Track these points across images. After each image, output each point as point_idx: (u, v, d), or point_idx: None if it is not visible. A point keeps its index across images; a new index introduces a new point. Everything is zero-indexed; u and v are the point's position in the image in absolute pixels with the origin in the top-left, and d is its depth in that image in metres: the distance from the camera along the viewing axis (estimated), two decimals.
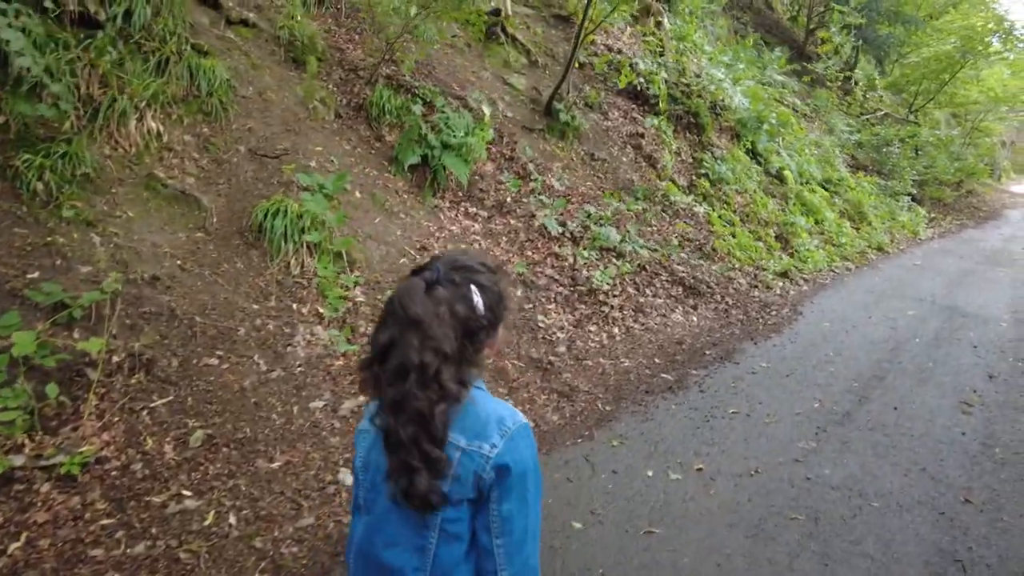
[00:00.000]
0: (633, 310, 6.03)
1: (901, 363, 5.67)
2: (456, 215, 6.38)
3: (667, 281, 6.69)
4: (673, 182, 9.44)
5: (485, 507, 1.26)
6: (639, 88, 10.22)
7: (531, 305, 5.55)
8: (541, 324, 5.30)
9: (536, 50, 10.48)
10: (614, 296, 6.07)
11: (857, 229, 11.68)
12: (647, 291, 6.42)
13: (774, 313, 6.83)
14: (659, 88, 9.11)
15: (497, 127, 7.99)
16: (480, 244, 6.11)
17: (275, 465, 3.38)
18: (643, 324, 5.88)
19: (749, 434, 4.20)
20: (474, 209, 6.53)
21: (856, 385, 5.11)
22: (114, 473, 3.07)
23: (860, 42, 17.47)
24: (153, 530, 2.85)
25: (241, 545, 2.88)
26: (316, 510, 3.15)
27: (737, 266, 7.89)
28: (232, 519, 2.99)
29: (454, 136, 6.56)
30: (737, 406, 4.59)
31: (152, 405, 3.48)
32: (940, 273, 9.65)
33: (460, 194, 6.66)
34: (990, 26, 16.12)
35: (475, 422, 1.26)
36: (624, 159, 9.42)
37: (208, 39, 6.15)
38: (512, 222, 6.56)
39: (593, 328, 5.55)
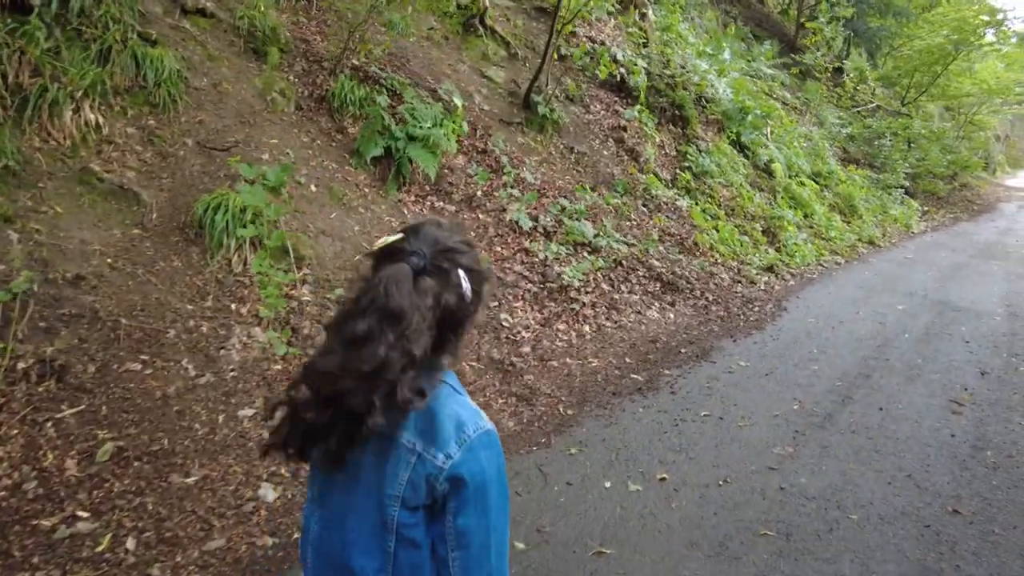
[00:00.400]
0: (606, 307, 5.69)
1: (888, 360, 5.33)
2: (421, 209, 6.04)
3: (644, 277, 6.35)
4: (656, 175, 9.10)
5: (441, 517, 1.16)
6: (621, 80, 9.89)
7: (497, 303, 5.21)
8: (505, 323, 4.96)
9: (516, 43, 10.14)
10: (586, 293, 5.73)
11: (848, 223, 11.34)
12: (622, 287, 6.08)
13: (756, 309, 6.49)
14: (639, 79, 8.77)
15: (472, 120, 7.66)
16: None
17: (190, 480, 3.05)
18: (616, 322, 5.54)
19: (720, 439, 3.86)
20: (441, 203, 6.20)
21: (840, 384, 4.77)
22: (2, 494, 2.73)
23: (851, 34, 17.13)
24: (35, 559, 2.51)
25: (135, 573, 2.54)
26: (229, 531, 2.81)
27: (720, 261, 7.55)
28: (130, 543, 2.66)
29: (420, 127, 6.23)
30: (710, 408, 4.25)
31: (59, 416, 3.15)
32: (932, 267, 9.31)
33: (427, 188, 6.33)
34: (983, 18, 15.77)
35: (432, 425, 1.15)
36: (605, 152, 9.09)
37: (160, 28, 5.82)
38: (481, 216, 6.22)
39: (562, 326, 5.21)
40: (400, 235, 1.20)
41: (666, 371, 4.81)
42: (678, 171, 9.35)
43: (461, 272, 1.16)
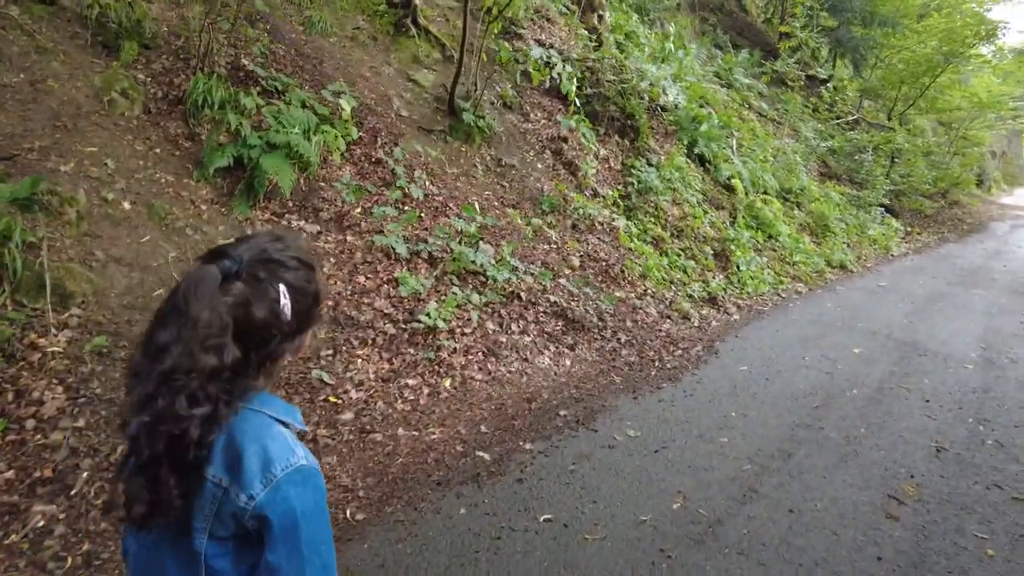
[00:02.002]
0: (483, 353, 4.54)
1: (823, 430, 4.14)
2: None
3: (544, 313, 5.19)
4: (595, 192, 7.97)
5: (257, 547, 1.07)
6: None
7: (331, 352, 4.07)
8: (330, 380, 3.82)
9: (453, 44, 9.03)
10: (462, 335, 4.59)
11: (818, 245, 10.13)
12: (512, 327, 4.93)
13: (679, 353, 5.32)
14: (567, 86, 7.62)
15: (381, 127, 6.58)
16: None
17: None
18: (490, 373, 4.39)
19: (550, 565, 2.70)
20: (301, 222, 5.08)
21: (748, 468, 3.60)
22: None
23: (835, 44, 15.92)
24: None
25: None
26: None
27: (649, 291, 6.38)
28: None
29: (283, 134, 5.13)
30: (558, 508, 3.09)
31: None
32: (905, 297, 8.08)
33: (290, 204, 5.22)
34: (973, 29, 14.51)
35: (238, 460, 1.04)
36: (539, 165, 7.97)
37: None
38: (350, 239, 5.10)
39: (412, 381, 4.07)
40: (232, 241, 1.10)
41: (527, 445, 3.65)
42: (621, 187, 8.19)
43: (281, 287, 1.07)
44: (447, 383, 4.14)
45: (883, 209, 12.45)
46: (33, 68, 4.83)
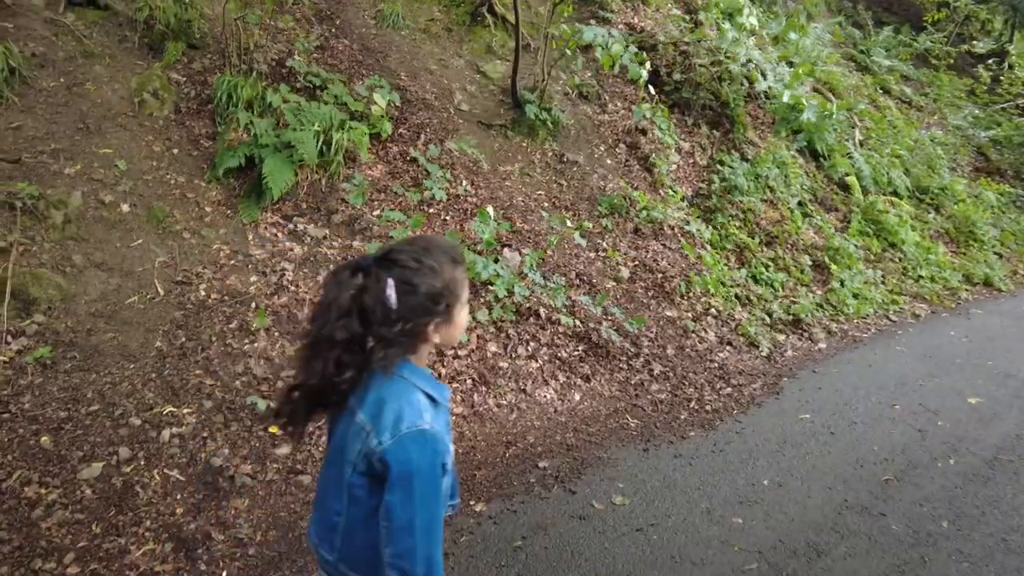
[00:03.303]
0: (473, 380, 3.89)
1: (884, 516, 3.06)
2: (277, 234, 4.60)
3: (563, 335, 4.42)
4: (672, 192, 6.97)
5: (383, 489, 1.27)
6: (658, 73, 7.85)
7: (292, 373, 3.63)
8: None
9: (532, 32, 8.37)
10: (454, 358, 3.97)
11: (961, 255, 8.27)
12: (519, 350, 4.22)
13: (728, 392, 4.32)
14: (635, 71, 6.60)
15: (422, 122, 6.14)
16: (286, 274, 4.28)
17: None
18: (473, 406, 3.73)
19: None
20: (310, 226, 4.71)
21: (753, 570, 2.66)
22: None
23: (1012, 12, 13.15)
24: None
25: None
26: None
27: (714, 310, 5.35)
28: None
29: (295, 133, 4.79)
30: None
31: None
32: None
33: (304, 206, 4.88)
34: None
35: (380, 413, 1.27)
36: (609, 161, 7.12)
37: (24, 22, 4.91)
38: (356, 244, 4.65)
39: None
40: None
41: (479, 506, 2.97)
42: (703, 185, 7.10)
43: (390, 280, 1.25)
44: None
45: None
46: (76, 72, 4.85)
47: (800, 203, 7.66)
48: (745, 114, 8.14)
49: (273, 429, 3.26)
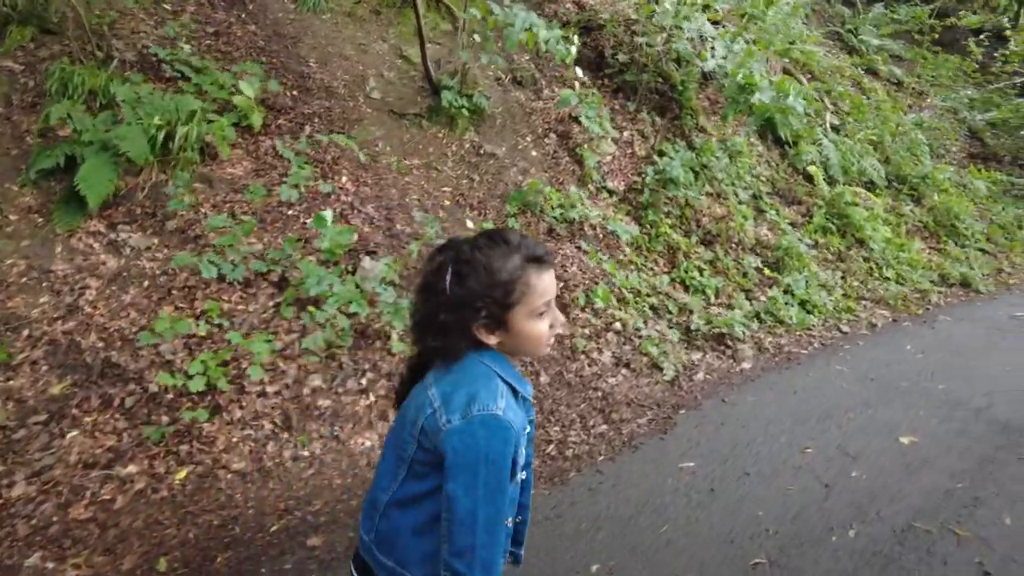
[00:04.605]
0: (275, 425, 3.15)
1: None
2: (93, 245, 3.88)
3: (384, 359, 3.65)
4: (602, 186, 6.13)
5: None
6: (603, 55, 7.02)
7: (46, 416, 2.92)
8: (17, 460, 2.67)
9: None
10: (260, 395, 3.23)
11: (939, 251, 7.28)
12: (349, 383, 3.46)
13: (602, 431, 3.51)
14: (561, 51, 5.70)
15: (311, 112, 5.42)
16: (86, 294, 3.57)
17: None
18: (261, 460, 2.98)
19: None
20: (135, 235, 3.99)
21: None
22: None
23: None
24: None
25: None
26: None
27: (618, 324, 4.53)
28: None
29: (124, 129, 4.06)
30: None
31: None
32: None
33: (138, 211, 4.15)
34: None
35: (454, 392, 1.18)
36: (535, 153, 6.31)
37: None
38: (185, 255, 3.92)
39: (131, 469, 2.80)
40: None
41: None
42: (637, 179, 6.23)
43: (450, 267, 1.19)
44: (181, 475, 2.82)
45: None
46: None
47: (755, 196, 6.75)
48: (697, 99, 7.23)
49: None
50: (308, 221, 4.45)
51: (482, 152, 6.05)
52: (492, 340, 1.21)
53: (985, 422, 3.82)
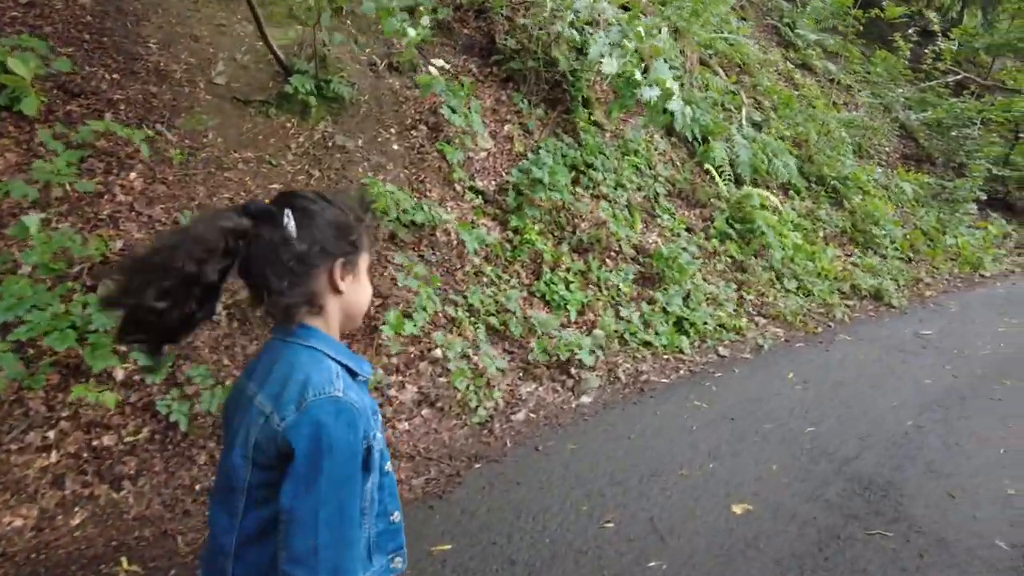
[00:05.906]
0: None
1: None
2: None
3: (129, 410, 2.80)
4: (471, 188, 5.31)
5: None
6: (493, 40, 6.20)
7: None
8: None
9: None
10: None
11: (860, 260, 6.55)
12: (29, 436, 2.61)
13: None
14: (410, 34, 4.81)
15: (122, 99, 4.56)
16: None
17: None
18: None
19: None
20: None
21: None
22: None
23: None
24: None
25: None
26: None
27: (439, 353, 3.70)
28: None
29: None
30: None
31: None
32: (952, 366, 4.60)
33: None
34: None
35: (283, 385, 1.00)
36: (396, 147, 5.48)
37: None
38: None
39: None
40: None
41: None
42: (509, 178, 5.41)
43: (287, 211, 1.02)
44: None
45: (975, 206, 8.19)
46: None
47: (649, 198, 5.96)
48: (593, 90, 6.42)
49: None
50: (62, 225, 3.57)
51: (330, 145, 5.21)
52: (344, 287, 1.06)
53: (845, 479, 3.05)
